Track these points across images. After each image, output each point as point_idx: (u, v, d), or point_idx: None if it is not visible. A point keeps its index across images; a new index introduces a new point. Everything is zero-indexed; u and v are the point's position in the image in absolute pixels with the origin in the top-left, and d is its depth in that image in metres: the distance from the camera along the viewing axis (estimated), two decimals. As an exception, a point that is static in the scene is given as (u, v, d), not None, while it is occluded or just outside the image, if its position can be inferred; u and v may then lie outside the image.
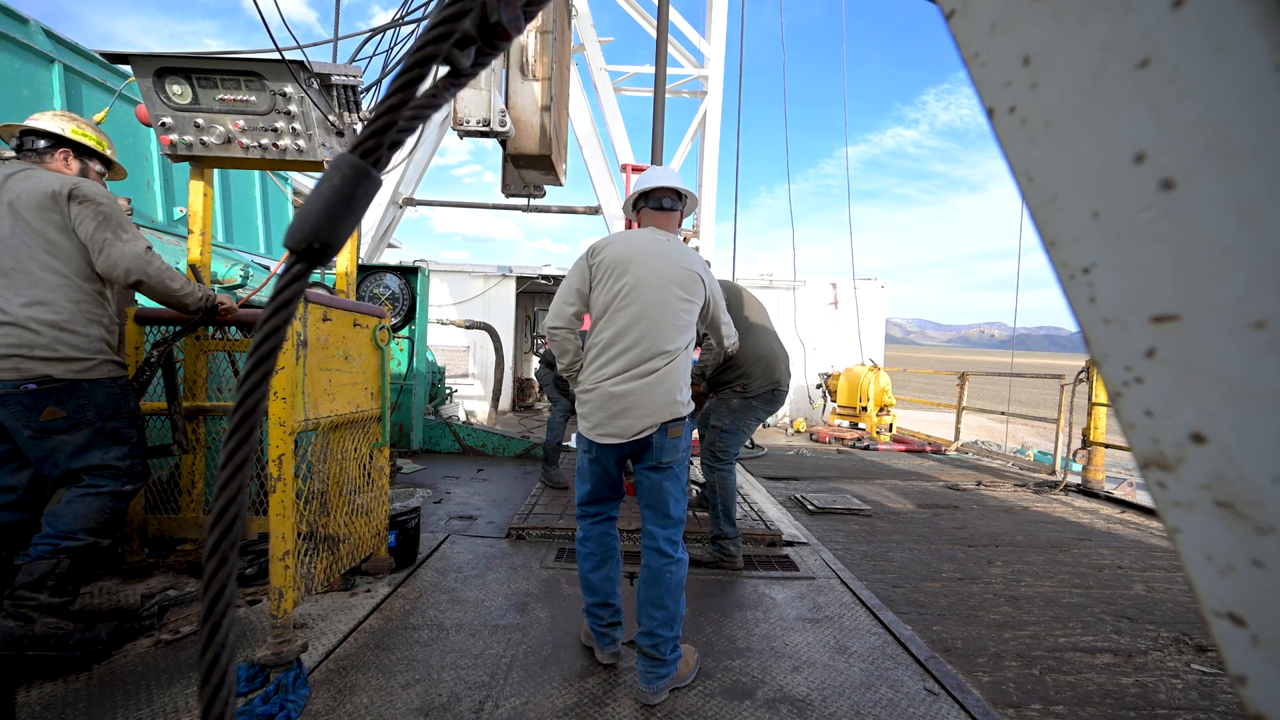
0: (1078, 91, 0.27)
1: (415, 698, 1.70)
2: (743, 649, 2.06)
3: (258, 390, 0.40)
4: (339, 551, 2.16)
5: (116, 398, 1.90)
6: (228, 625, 0.38)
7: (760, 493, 4.38)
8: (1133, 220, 0.26)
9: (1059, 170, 0.29)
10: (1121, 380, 0.29)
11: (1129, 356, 0.28)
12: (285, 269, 0.41)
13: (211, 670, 0.38)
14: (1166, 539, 3.48)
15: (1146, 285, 0.27)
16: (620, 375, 1.76)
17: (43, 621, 1.71)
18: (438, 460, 5.30)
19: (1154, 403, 0.28)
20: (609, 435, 1.77)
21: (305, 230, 0.40)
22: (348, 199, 0.41)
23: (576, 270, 1.89)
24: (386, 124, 0.41)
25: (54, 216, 1.76)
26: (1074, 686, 1.95)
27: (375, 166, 0.42)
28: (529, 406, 11.26)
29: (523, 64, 3.02)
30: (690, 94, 7.53)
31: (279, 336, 0.41)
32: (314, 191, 0.40)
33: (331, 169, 0.40)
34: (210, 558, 0.38)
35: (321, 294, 1.98)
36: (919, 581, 2.83)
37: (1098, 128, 0.26)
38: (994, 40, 0.31)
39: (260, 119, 2.19)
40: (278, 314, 0.40)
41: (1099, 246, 0.28)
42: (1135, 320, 0.28)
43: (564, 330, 1.88)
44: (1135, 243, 0.26)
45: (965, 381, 7.72)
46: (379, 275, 5.02)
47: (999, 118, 0.31)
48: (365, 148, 0.41)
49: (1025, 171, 0.30)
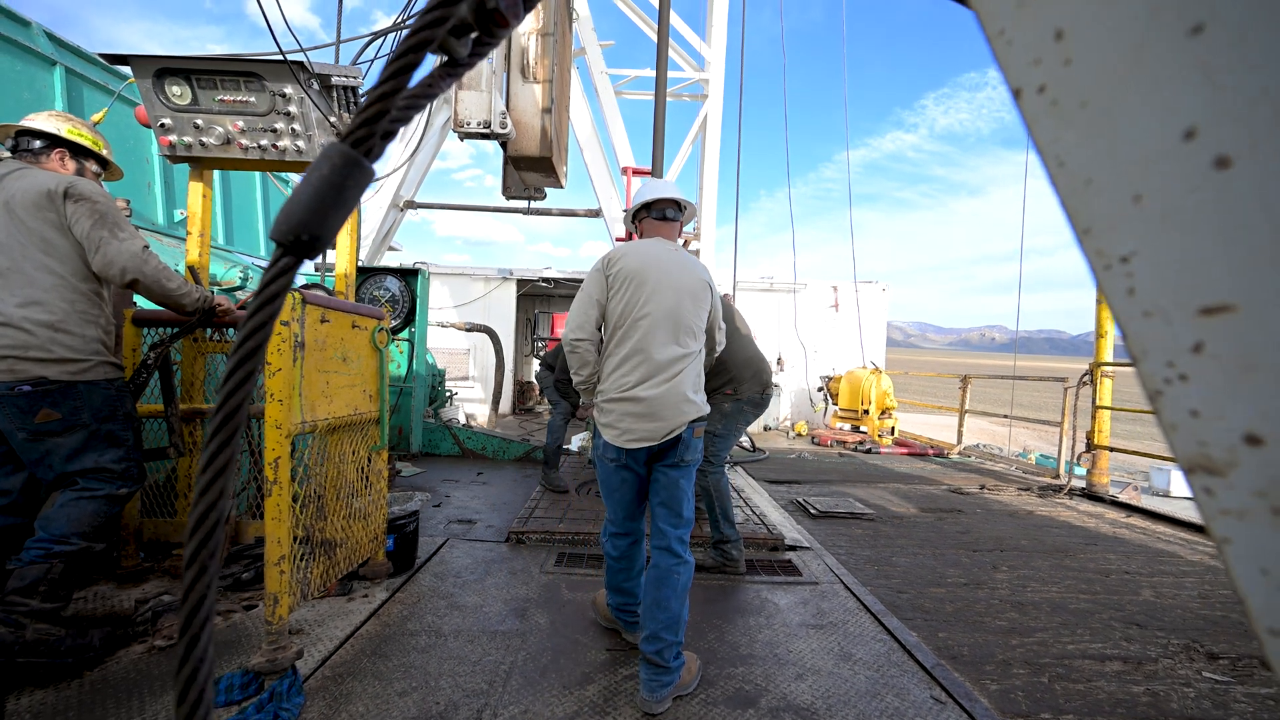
0: (1118, 65, 0.25)
1: (412, 706, 1.67)
2: (746, 656, 2.03)
3: (241, 389, 0.38)
4: (336, 556, 2.13)
5: (112, 400, 1.87)
6: (205, 639, 0.36)
7: (762, 496, 4.35)
8: (1180, 203, 0.24)
9: (1095, 152, 0.27)
10: (1163, 378, 0.27)
11: (1172, 352, 0.26)
12: (272, 262, 0.39)
13: (189, 687, 0.36)
14: (1213, 550, 3.44)
15: (1194, 274, 0.24)
16: (646, 382, 1.83)
17: (34, 627, 1.68)
18: (437, 463, 5.27)
19: (1201, 402, 0.26)
20: (639, 440, 1.83)
21: (293, 221, 0.38)
22: (338, 189, 0.39)
23: (593, 282, 1.93)
24: (379, 112, 0.39)
25: (49, 215, 1.75)
26: (1084, 695, 1.92)
27: (367, 156, 0.40)
28: (529, 409, 11.23)
29: (523, 66, 3.01)
30: (691, 97, 7.54)
31: (264, 333, 0.39)
32: (303, 181, 0.38)
33: (321, 158, 0.38)
34: (189, 566, 0.36)
35: (320, 295, 1.96)
36: (924, 587, 2.80)
37: (1141, 103, 0.24)
38: (1021, 15, 0.29)
39: (260, 120, 2.18)
40: (263, 309, 0.38)
41: (1140, 233, 0.26)
42: (1180, 312, 0.26)
43: (587, 342, 1.91)
44: (1182, 228, 0.24)
45: (968, 384, 7.69)
46: (379, 277, 5.01)
47: (1027, 99, 0.29)
48: (356, 136, 0.39)
49: (1056, 156, 0.28)
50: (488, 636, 2.09)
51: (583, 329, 1.90)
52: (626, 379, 1.85)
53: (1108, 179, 0.26)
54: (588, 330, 1.90)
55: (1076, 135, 0.27)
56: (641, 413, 1.82)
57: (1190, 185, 0.23)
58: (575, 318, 1.91)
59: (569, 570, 2.76)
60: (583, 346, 1.90)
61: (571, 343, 1.90)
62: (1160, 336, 0.27)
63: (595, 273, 1.93)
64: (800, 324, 10.19)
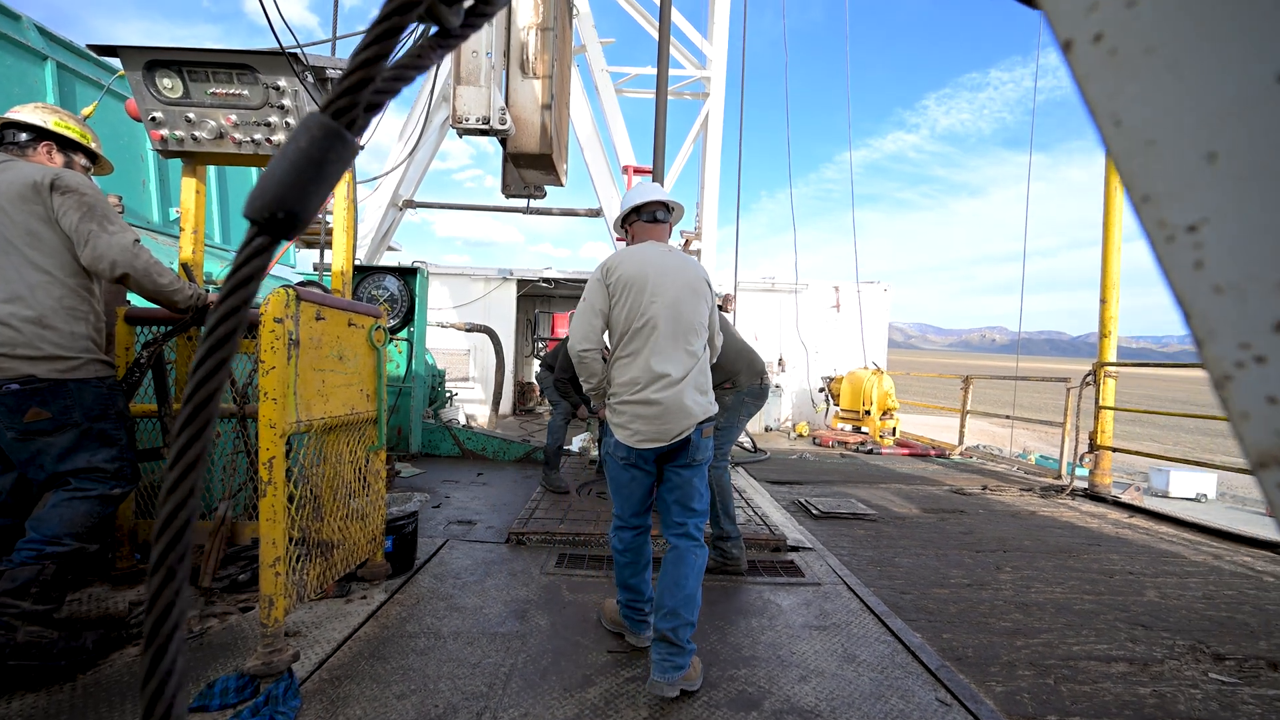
0: (1193, 2, 0.22)
1: (411, 709, 1.64)
2: (748, 658, 2.00)
3: (213, 379, 0.35)
4: (333, 557, 2.10)
5: (104, 398, 1.84)
6: (174, 651, 0.33)
7: (764, 497, 4.33)
8: (1268, 161, 0.21)
9: (1160, 107, 0.24)
10: (1234, 361, 0.24)
11: (1247, 331, 0.23)
12: (245, 242, 0.35)
13: (154, 703, 0.33)
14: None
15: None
16: (655, 384, 1.87)
17: (25, 629, 1.65)
18: (437, 464, 5.24)
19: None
20: (651, 440, 1.87)
21: (268, 197, 0.34)
22: (317, 164, 0.35)
23: (594, 292, 1.96)
24: (361, 80, 0.36)
25: (36, 208, 1.71)
26: (1090, 696, 1.89)
27: (350, 129, 0.37)
28: (530, 410, 11.20)
29: (523, 61, 2.98)
30: (692, 95, 7.51)
31: (238, 318, 0.36)
32: (279, 154, 0.35)
33: (299, 129, 0.35)
34: (155, 571, 0.33)
35: (314, 292, 1.93)
36: (927, 588, 2.77)
37: (1222, 46, 0.21)
38: None
39: (253, 113, 2.15)
40: (235, 293, 0.35)
41: (1213, 198, 0.23)
42: (1259, 286, 0.23)
43: (593, 351, 1.96)
44: (1268, 190, 0.21)
45: (969, 385, 7.67)
46: (377, 276, 4.98)
47: (1079, 51, 0.26)
48: (338, 106, 0.36)
49: (1112, 114, 0.25)
50: (487, 638, 2.06)
51: (587, 339, 1.95)
52: (637, 382, 1.89)
53: (1176, 137, 0.23)
54: (592, 340, 1.96)
55: (1139, 88, 0.24)
56: (652, 415, 1.87)
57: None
58: (579, 329, 1.97)
59: (570, 571, 2.73)
60: (589, 356, 1.95)
61: (579, 354, 1.96)
62: (1233, 314, 0.24)
63: (595, 283, 1.97)
64: (802, 324, 10.16)
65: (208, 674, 1.74)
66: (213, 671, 1.76)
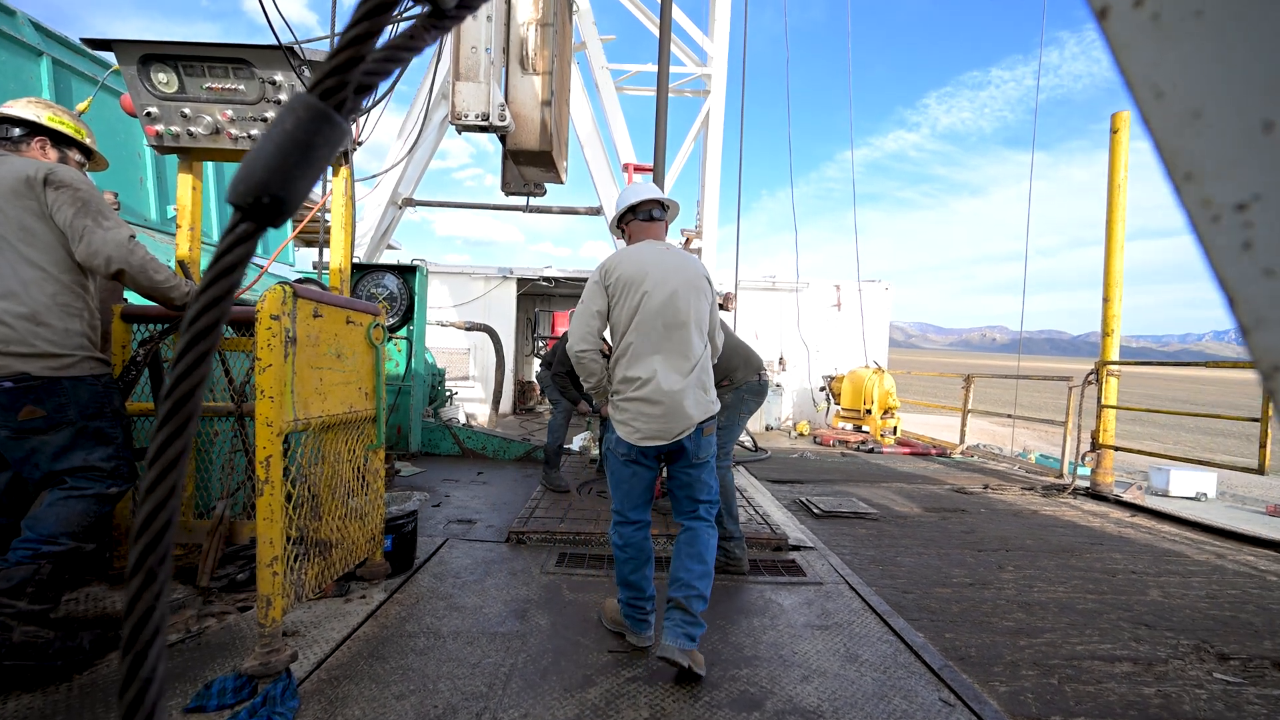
0: (1249, -42, 0.20)
1: (410, 709, 1.63)
2: (750, 657, 1.99)
3: (195, 372, 0.33)
4: (331, 557, 2.09)
5: (99, 396, 1.82)
6: (155, 657, 0.31)
7: (765, 496, 4.31)
8: (1332, 128, 0.19)
9: (1208, 74, 0.22)
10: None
11: (1302, 318, 0.22)
12: (229, 228, 0.34)
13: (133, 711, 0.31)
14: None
15: (1342, 219, 0.20)
16: (656, 382, 1.89)
17: (21, 629, 1.63)
18: (437, 463, 5.23)
19: (1341, 378, 0.21)
20: (653, 438, 1.90)
21: (253, 182, 0.33)
22: (304, 147, 0.33)
23: (593, 293, 1.98)
24: (351, 59, 0.34)
25: (29, 203, 1.69)
26: (1094, 697, 1.88)
27: (339, 110, 0.35)
28: (530, 409, 11.19)
29: (523, 57, 2.96)
30: (693, 93, 7.48)
31: (221, 309, 0.34)
32: (264, 136, 0.33)
33: (285, 110, 0.33)
34: (134, 573, 0.32)
35: (312, 289, 1.91)
36: (929, 587, 2.76)
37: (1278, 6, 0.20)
38: None
39: (250, 109, 2.13)
40: (218, 282, 0.34)
41: (1267, 173, 0.21)
42: (1316, 269, 0.21)
43: (591, 352, 1.98)
44: (1331, 160, 0.20)
45: (970, 384, 7.65)
46: (376, 274, 4.96)
47: (1116, 18, 0.24)
48: (326, 86, 0.34)
49: (1153, 85, 0.24)
50: (487, 638, 2.05)
51: (586, 340, 1.97)
52: (639, 380, 1.91)
53: (1226, 107, 0.22)
54: (591, 341, 1.97)
55: (1185, 55, 0.22)
56: (655, 413, 1.89)
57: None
58: (578, 330, 1.98)
59: (570, 571, 2.71)
60: (588, 357, 1.97)
61: (577, 355, 1.97)
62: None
63: (594, 284, 1.98)
64: (803, 323, 10.14)
65: (205, 674, 1.73)
66: (210, 672, 1.74)
